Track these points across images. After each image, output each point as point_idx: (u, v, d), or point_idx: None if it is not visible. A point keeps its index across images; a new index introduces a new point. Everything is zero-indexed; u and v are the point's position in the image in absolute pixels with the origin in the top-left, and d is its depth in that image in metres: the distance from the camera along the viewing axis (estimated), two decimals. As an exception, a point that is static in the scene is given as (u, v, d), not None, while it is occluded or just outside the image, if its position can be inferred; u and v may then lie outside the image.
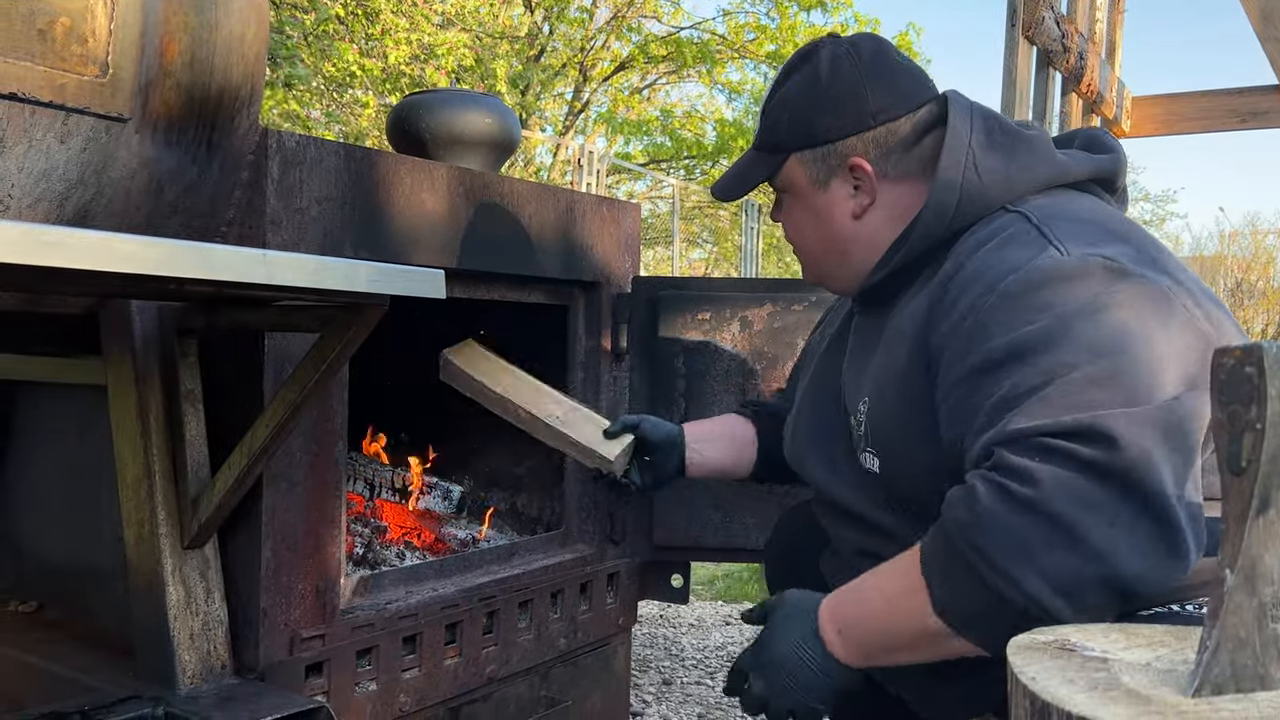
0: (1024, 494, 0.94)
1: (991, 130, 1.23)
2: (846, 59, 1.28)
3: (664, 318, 2.08)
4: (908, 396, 1.17)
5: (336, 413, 1.54)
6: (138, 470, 1.41)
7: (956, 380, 1.08)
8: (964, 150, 1.21)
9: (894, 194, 1.28)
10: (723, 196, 1.41)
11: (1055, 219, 1.14)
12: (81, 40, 1.20)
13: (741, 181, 1.38)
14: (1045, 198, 1.20)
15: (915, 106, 1.27)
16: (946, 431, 1.10)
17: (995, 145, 1.22)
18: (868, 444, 1.24)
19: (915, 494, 1.19)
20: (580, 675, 2.04)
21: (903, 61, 1.30)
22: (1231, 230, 11.18)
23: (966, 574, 0.98)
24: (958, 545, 0.98)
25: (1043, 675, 0.64)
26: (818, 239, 1.34)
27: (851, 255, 1.31)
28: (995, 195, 1.19)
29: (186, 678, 1.38)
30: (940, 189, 1.19)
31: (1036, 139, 1.25)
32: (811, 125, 1.28)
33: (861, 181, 1.28)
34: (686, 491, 2.07)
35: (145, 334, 1.41)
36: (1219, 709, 0.59)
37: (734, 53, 14.41)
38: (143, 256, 0.89)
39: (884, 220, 1.28)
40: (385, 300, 1.16)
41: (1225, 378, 0.62)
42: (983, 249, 1.15)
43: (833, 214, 1.30)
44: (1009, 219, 1.17)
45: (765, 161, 1.34)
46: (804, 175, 1.31)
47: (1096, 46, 3.34)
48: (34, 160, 1.20)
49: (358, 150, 1.55)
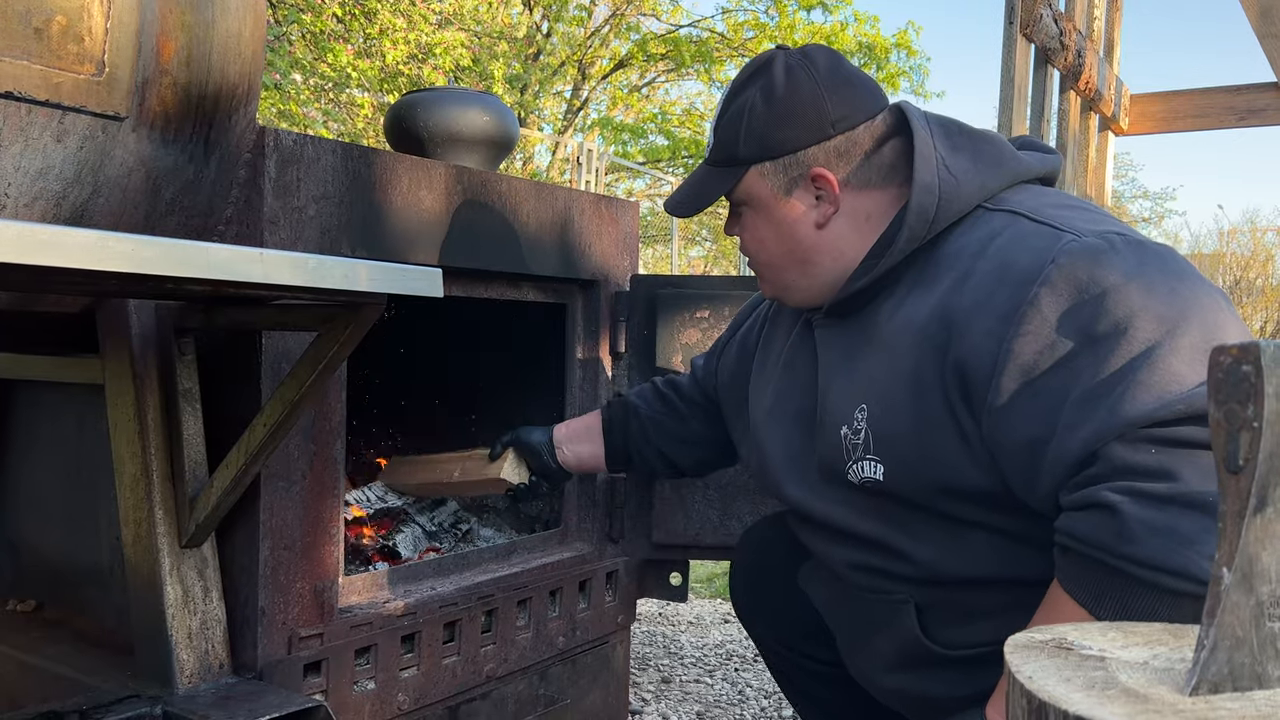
0: (1160, 490, 0.94)
1: (950, 133, 1.25)
2: (801, 69, 1.27)
3: (663, 316, 2.08)
4: (921, 402, 1.15)
5: (334, 411, 1.54)
6: (135, 469, 1.41)
7: (1023, 381, 1.06)
8: (932, 154, 1.22)
9: (856, 202, 1.27)
10: (678, 213, 1.39)
11: (1043, 209, 1.16)
12: (78, 39, 1.20)
13: (699, 197, 1.36)
14: (1018, 193, 1.22)
15: (872, 115, 1.28)
16: (1015, 433, 1.07)
17: (958, 147, 1.24)
18: (867, 451, 1.21)
19: (921, 498, 1.18)
20: (579, 673, 2.04)
21: (855, 72, 1.31)
22: (1230, 228, 11.20)
23: (1136, 589, 0.95)
24: (1117, 567, 0.96)
25: (1040, 674, 0.64)
26: (780, 251, 1.33)
27: (815, 265, 1.30)
28: (970, 194, 1.20)
29: (185, 677, 1.38)
30: (920, 192, 1.19)
31: (995, 138, 1.27)
32: (770, 137, 1.27)
33: (824, 192, 1.27)
34: (685, 490, 2.07)
35: (143, 333, 1.41)
36: (1216, 707, 0.58)
37: (733, 51, 14.40)
38: (139, 256, 0.89)
39: (848, 229, 1.28)
40: (383, 299, 1.16)
41: (1222, 376, 0.62)
42: (988, 250, 1.14)
43: (795, 225, 1.29)
44: (998, 218, 1.18)
45: (722, 175, 1.33)
46: (765, 187, 1.30)
47: (1095, 44, 3.34)
48: (30, 159, 1.19)
49: (355, 149, 1.55)
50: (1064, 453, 1.02)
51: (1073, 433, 1.01)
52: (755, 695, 2.50)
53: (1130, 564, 0.95)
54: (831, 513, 1.29)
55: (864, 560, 1.26)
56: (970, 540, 1.16)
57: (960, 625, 1.20)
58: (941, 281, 1.17)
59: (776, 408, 1.41)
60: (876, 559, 1.24)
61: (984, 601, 1.17)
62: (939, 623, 1.21)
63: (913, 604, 1.22)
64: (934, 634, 1.21)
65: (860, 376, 1.24)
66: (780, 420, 1.40)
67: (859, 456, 1.23)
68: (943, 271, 1.18)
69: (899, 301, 1.22)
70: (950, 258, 1.18)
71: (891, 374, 1.19)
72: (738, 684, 2.58)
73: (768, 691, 2.53)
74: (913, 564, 1.20)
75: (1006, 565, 1.15)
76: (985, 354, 1.08)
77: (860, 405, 1.23)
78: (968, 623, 1.19)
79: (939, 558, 1.18)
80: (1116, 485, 0.97)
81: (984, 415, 1.09)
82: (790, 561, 1.50)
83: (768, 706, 2.43)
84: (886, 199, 1.27)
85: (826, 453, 1.28)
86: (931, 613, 1.22)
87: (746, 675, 2.65)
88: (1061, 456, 1.02)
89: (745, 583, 1.65)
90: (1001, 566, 1.15)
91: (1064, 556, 1.04)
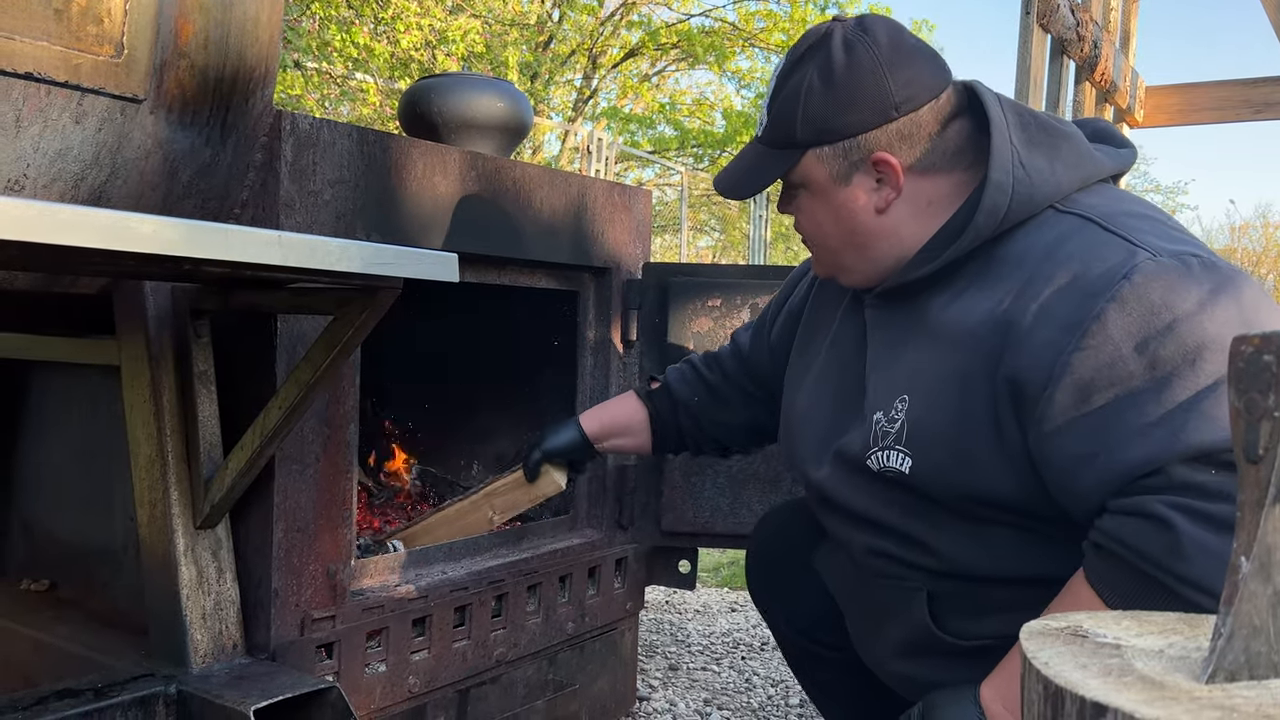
0: (1218, 511, 0.92)
1: (1026, 125, 1.19)
2: (861, 45, 1.21)
3: (674, 304, 2.08)
4: (965, 405, 1.13)
5: (348, 395, 1.54)
6: (151, 451, 1.42)
7: (1077, 397, 1.03)
8: (1008, 148, 1.16)
9: (919, 187, 1.22)
10: (731, 195, 1.35)
11: (1116, 218, 1.11)
12: (97, 20, 1.20)
13: (752, 179, 1.31)
14: (1090, 196, 1.17)
15: (936, 93, 1.21)
16: (1064, 449, 1.05)
17: (1035, 142, 1.18)
18: (898, 442, 1.19)
19: (946, 497, 1.16)
20: (588, 659, 2.05)
21: (917, 44, 1.25)
22: (1243, 223, 11.15)
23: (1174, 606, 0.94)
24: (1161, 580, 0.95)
25: (1056, 660, 0.64)
26: (837, 234, 1.28)
27: (872, 250, 1.26)
28: (1044, 195, 1.15)
29: (198, 657, 1.39)
30: (993, 190, 1.14)
31: (1072, 133, 1.21)
32: (829, 121, 1.21)
33: (885, 176, 1.22)
34: (695, 478, 2.08)
35: (159, 315, 1.41)
36: (1233, 695, 0.59)
37: (744, 41, 14.34)
38: (160, 237, 0.89)
39: (909, 214, 1.23)
40: (399, 283, 1.16)
41: (1243, 365, 0.62)
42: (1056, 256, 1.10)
43: (855, 209, 1.24)
44: (1068, 221, 1.14)
45: (778, 158, 1.27)
46: (823, 172, 1.24)
47: (1111, 35, 3.32)
48: (50, 140, 1.20)
49: (371, 133, 1.55)
50: (1117, 464, 1.00)
51: (1129, 449, 0.99)
52: (762, 683, 2.51)
53: (1176, 580, 0.94)
54: (853, 498, 1.27)
55: (883, 547, 1.25)
56: (992, 537, 1.15)
57: (971, 617, 1.20)
58: (1002, 283, 1.13)
59: (814, 385, 1.39)
60: (896, 547, 1.23)
61: (997, 596, 1.17)
62: (950, 613, 1.21)
63: (925, 592, 1.22)
64: (944, 623, 1.22)
65: (905, 366, 1.21)
66: (816, 398, 1.38)
67: (887, 445, 1.20)
68: (1005, 272, 1.14)
69: (954, 295, 1.18)
70: (1014, 259, 1.14)
71: (938, 369, 1.16)
72: (744, 672, 2.59)
73: (774, 680, 2.54)
74: (932, 555, 1.20)
75: (1025, 563, 1.14)
76: (1042, 364, 1.05)
77: (901, 395, 1.20)
78: (979, 615, 1.19)
79: (960, 552, 1.17)
80: (1172, 500, 0.95)
81: (1032, 426, 1.07)
82: (806, 545, 1.50)
83: (774, 695, 2.44)
84: (950, 184, 1.22)
85: (854, 437, 1.26)
86: (943, 602, 1.22)
87: (753, 663, 2.66)
88: (1113, 466, 1.00)
89: (761, 566, 1.65)
90: (1020, 564, 1.15)
91: (1098, 555, 1.02)
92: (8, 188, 1.18)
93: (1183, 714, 0.55)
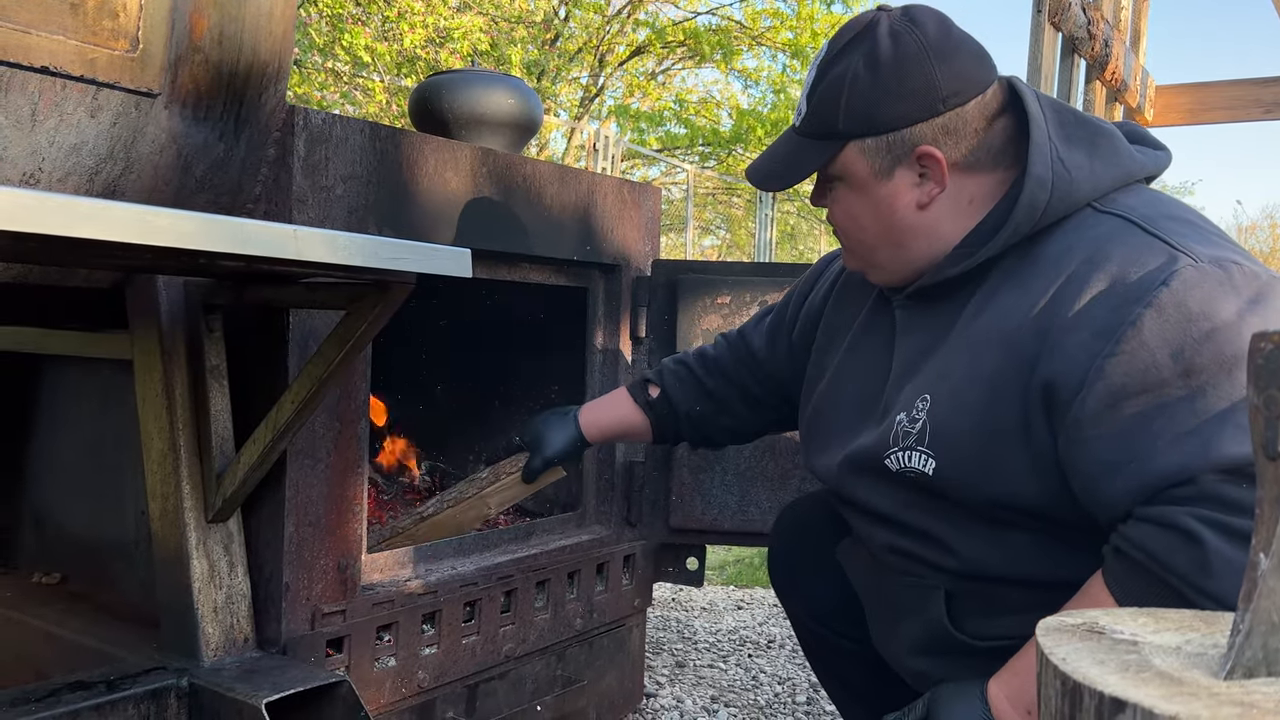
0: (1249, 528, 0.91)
1: (1065, 122, 1.17)
2: (909, 36, 1.17)
3: (683, 301, 2.08)
4: (995, 409, 1.11)
5: (360, 390, 1.55)
6: (163, 445, 1.43)
7: (1109, 403, 1.01)
8: (1047, 144, 1.14)
9: (961, 184, 1.19)
10: (766, 186, 1.30)
11: (1157, 220, 1.09)
12: (112, 15, 1.21)
13: (789, 170, 1.26)
14: (1129, 195, 1.15)
15: (983, 88, 1.18)
16: (1092, 455, 1.03)
17: (1073, 139, 1.16)
18: (920, 443, 1.17)
19: (969, 500, 1.15)
20: (596, 655, 2.05)
21: (964, 37, 1.20)
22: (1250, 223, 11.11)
23: None
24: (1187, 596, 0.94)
25: (1073, 656, 0.64)
26: (875, 230, 1.24)
27: (909, 247, 1.22)
28: (1082, 193, 1.13)
29: (210, 650, 1.39)
30: (1032, 186, 1.12)
31: (1110, 130, 1.19)
32: (875, 112, 1.17)
33: (929, 170, 1.18)
34: (703, 475, 2.08)
35: (171, 309, 1.42)
36: (1251, 691, 0.59)
37: (751, 40, 14.32)
38: (178, 230, 0.90)
39: (949, 212, 1.20)
40: (412, 278, 1.17)
41: (1263, 362, 0.62)
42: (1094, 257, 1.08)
43: (895, 205, 1.20)
44: (1107, 221, 1.11)
45: (817, 148, 1.23)
46: (864, 165, 1.20)
47: (1121, 34, 3.32)
48: (65, 134, 1.20)
49: (383, 129, 1.55)
50: (1147, 472, 0.98)
51: (1160, 458, 0.98)
52: (769, 681, 2.51)
53: (1201, 595, 0.93)
54: (872, 497, 1.26)
55: (902, 545, 1.24)
56: (1012, 539, 1.14)
57: (988, 617, 1.19)
58: (1039, 282, 1.11)
59: (834, 386, 1.37)
60: (915, 545, 1.22)
61: (1015, 597, 1.16)
62: (968, 612, 1.21)
63: (943, 591, 1.21)
64: (961, 623, 1.21)
65: (932, 366, 1.19)
66: (837, 399, 1.35)
67: (908, 445, 1.18)
68: (1040, 271, 1.12)
69: (988, 295, 1.16)
70: (1051, 259, 1.11)
71: (968, 372, 1.14)
72: (751, 669, 2.59)
73: (781, 678, 2.54)
74: (953, 555, 1.18)
75: (1045, 566, 1.13)
76: (1076, 368, 1.03)
77: (924, 395, 1.18)
78: (996, 615, 1.18)
79: (981, 554, 1.16)
80: (1202, 514, 0.94)
81: (1062, 431, 1.05)
82: (829, 537, 1.49)
83: (781, 693, 2.44)
84: (991, 182, 1.19)
85: (875, 436, 1.24)
86: (961, 602, 1.21)
87: (760, 661, 2.66)
88: (1143, 474, 0.98)
89: (783, 554, 1.64)
90: (1039, 567, 1.14)
91: (1120, 562, 1.01)
92: (24, 181, 1.18)
93: (1201, 710, 0.55)
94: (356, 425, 1.54)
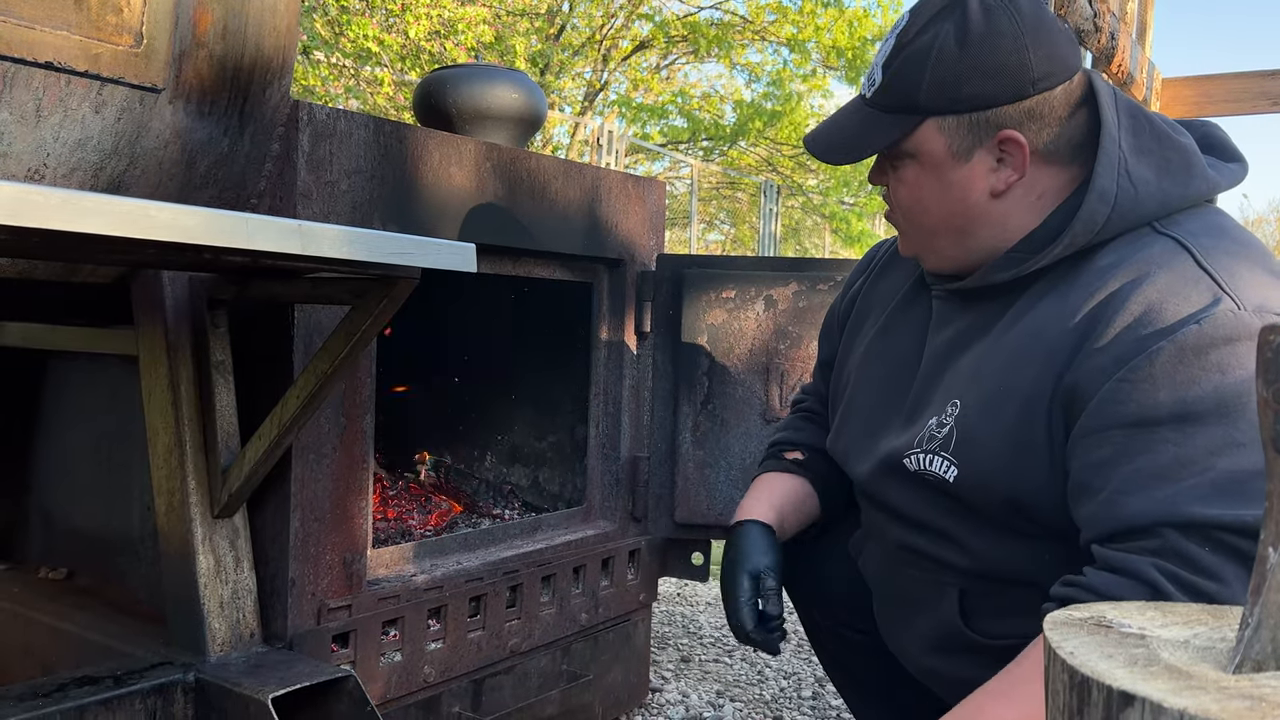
0: (1208, 589, 0.90)
1: (1140, 130, 1.12)
2: (1002, 10, 1.10)
3: (688, 296, 2.08)
4: (1025, 422, 1.08)
5: (365, 385, 1.55)
6: (168, 440, 1.43)
7: (1101, 424, 1.00)
8: (1116, 153, 1.09)
9: (1037, 175, 1.13)
10: (831, 159, 1.21)
11: (1215, 253, 1.05)
12: (116, 10, 1.21)
13: (858, 144, 1.18)
14: (1193, 219, 1.10)
15: (1070, 75, 1.12)
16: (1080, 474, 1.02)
17: (1145, 150, 1.11)
18: (944, 448, 1.14)
19: (989, 508, 1.13)
20: (601, 650, 2.05)
21: (1056, 18, 1.14)
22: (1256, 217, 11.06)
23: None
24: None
25: (1081, 650, 0.64)
26: (942, 214, 1.17)
27: (973, 236, 1.17)
28: (1146, 211, 1.09)
29: (216, 645, 1.40)
30: (1094, 199, 1.08)
31: (1186, 148, 1.13)
32: (962, 88, 1.10)
33: (1009, 156, 1.12)
34: (708, 470, 2.08)
35: (176, 305, 1.42)
36: (1261, 685, 0.58)
37: (754, 34, 14.30)
38: (181, 225, 0.90)
39: (1021, 202, 1.14)
40: (417, 273, 1.17)
41: (1272, 355, 0.61)
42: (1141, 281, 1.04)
43: (969, 189, 1.14)
44: (1161, 244, 1.07)
45: (892, 123, 1.15)
46: (942, 144, 1.13)
47: (1127, 26, 3.30)
48: (69, 130, 1.20)
49: (387, 124, 1.55)
50: (1116, 508, 0.97)
51: (1130, 500, 0.96)
52: (774, 676, 2.51)
53: None
54: (891, 494, 1.24)
55: (918, 543, 1.23)
56: (1029, 543, 1.13)
57: (999, 617, 1.19)
58: (1079, 294, 1.08)
59: (859, 374, 1.33)
60: (931, 544, 1.21)
61: (1028, 599, 1.16)
62: (980, 611, 1.20)
63: (958, 589, 1.21)
64: (974, 622, 1.21)
65: (965, 370, 1.16)
66: (860, 388, 1.32)
67: (931, 449, 1.16)
68: (1085, 283, 1.08)
69: (1031, 303, 1.12)
70: (1099, 273, 1.08)
71: (1002, 381, 1.11)
72: (756, 664, 2.59)
73: (786, 672, 2.54)
74: (970, 556, 1.17)
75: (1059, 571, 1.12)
76: (1091, 385, 1.02)
77: (954, 400, 1.15)
78: (1006, 616, 1.18)
79: (996, 555, 1.15)
80: (1165, 568, 0.93)
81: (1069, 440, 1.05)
82: (843, 529, 1.49)
83: (786, 687, 2.44)
84: (1064, 178, 1.14)
85: (900, 434, 1.21)
86: (974, 601, 1.21)
87: (765, 656, 2.66)
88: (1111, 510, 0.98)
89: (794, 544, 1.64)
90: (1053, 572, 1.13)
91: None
92: (29, 177, 1.19)
93: (1210, 703, 0.55)
94: (362, 420, 1.54)
